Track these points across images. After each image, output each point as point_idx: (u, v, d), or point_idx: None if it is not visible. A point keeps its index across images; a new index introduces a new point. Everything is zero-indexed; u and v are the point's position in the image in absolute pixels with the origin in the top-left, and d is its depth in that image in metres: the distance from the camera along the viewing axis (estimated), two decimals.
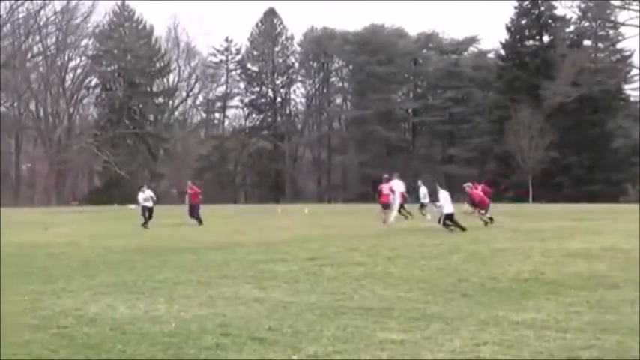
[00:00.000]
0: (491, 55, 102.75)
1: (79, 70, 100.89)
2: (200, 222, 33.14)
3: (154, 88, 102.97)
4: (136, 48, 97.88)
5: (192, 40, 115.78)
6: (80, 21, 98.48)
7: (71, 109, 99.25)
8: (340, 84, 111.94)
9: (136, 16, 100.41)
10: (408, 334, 8.58)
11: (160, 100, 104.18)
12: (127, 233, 28.19)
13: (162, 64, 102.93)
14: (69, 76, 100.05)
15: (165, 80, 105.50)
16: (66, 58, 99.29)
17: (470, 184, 31.51)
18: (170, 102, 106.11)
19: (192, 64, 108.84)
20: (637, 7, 70.89)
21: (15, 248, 21.77)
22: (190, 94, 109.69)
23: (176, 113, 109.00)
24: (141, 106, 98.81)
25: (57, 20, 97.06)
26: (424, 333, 8.62)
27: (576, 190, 78.29)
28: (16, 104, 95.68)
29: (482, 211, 30.20)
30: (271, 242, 22.62)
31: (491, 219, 29.28)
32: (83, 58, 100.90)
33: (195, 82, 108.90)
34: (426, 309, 10.28)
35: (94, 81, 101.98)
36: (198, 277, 14.10)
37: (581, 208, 39.04)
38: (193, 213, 34.21)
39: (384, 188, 33.62)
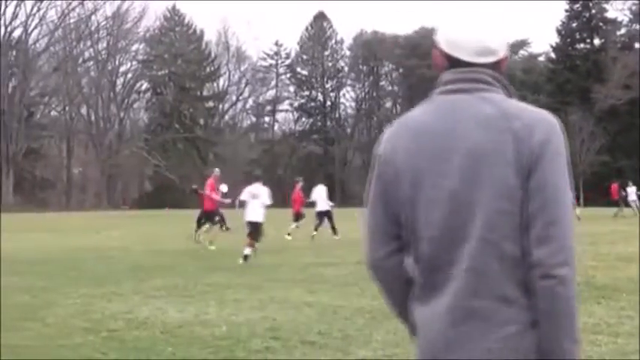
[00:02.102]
0: (541, 59, 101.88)
1: (129, 75, 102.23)
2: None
3: (204, 93, 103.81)
4: (187, 52, 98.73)
5: (242, 44, 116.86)
6: (131, 25, 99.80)
7: (122, 114, 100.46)
8: (390, 88, 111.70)
9: (186, 21, 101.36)
10: None
11: (210, 104, 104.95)
12: (177, 237, 28.35)
13: (212, 69, 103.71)
14: (119, 81, 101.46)
15: (215, 84, 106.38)
16: (117, 62, 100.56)
17: None
18: (220, 106, 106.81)
19: (242, 68, 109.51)
20: None
21: (66, 252, 22.02)
22: (240, 98, 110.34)
23: (226, 117, 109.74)
24: (191, 110, 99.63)
25: (108, 25, 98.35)
26: None
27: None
28: (67, 109, 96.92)
29: None
30: (321, 246, 22.64)
31: None
32: (134, 62, 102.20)
33: (245, 86, 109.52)
34: None
35: (145, 85, 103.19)
36: (249, 281, 14.14)
37: (631, 212, 38.51)
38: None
39: None
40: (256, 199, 18.88)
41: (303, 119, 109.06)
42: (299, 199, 29.39)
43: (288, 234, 26.81)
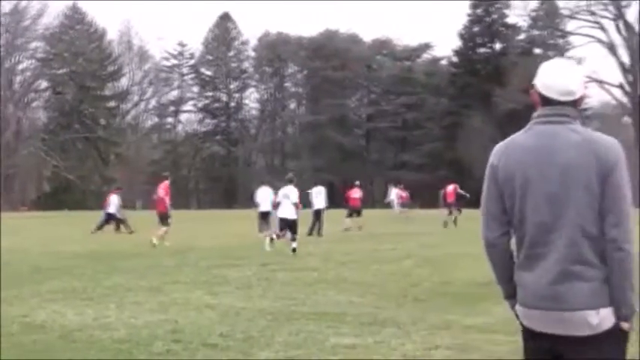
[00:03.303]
0: (444, 62, 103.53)
1: (28, 73, 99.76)
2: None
3: (106, 92, 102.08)
4: (87, 51, 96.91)
5: (145, 44, 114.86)
6: (29, 23, 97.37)
7: (20, 113, 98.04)
8: (294, 89, 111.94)
9: (87, 19, 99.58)
10: (360, 338, 8.56)
11: (112, 103, 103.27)
12: (76, 239, 27.86)
13: (114, 68, 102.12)
14: (17, 79, 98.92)
15: (117, 84, 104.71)
16: (14, 60, 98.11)
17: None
18: (122, 106, 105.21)
19: (145, 67, 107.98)
20: (585, 17, 71.99)
21: None
22: (143, 98, 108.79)
23: (128, 117, 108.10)
24: (92, 110, 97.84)
25: (5, 22, 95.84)
26: (376, 338, 8.61)
27: None
28: None
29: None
30: (224, 248, 22.53)
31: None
32: (32, 60, 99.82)
33: (148, 86, 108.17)
34: (378, 314, 10.28)
35: (44, 84, 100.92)
36: (149, 283, 13.95)
37: None
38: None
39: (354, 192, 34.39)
40: (287, 198, 21.55)
41: (207, 120, 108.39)
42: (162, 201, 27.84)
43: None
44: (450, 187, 37.74)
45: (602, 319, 3.48)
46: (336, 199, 44.78)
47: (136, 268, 16.86)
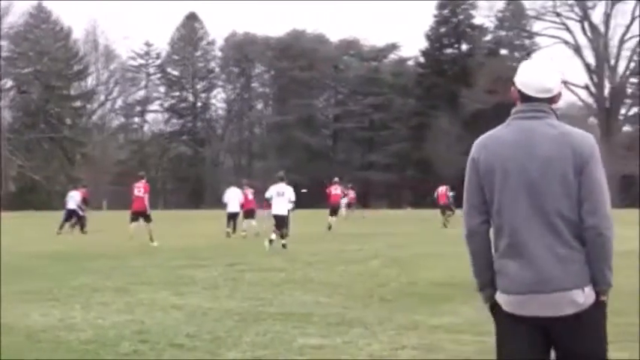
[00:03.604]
0: (410, 63, 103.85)
1: None
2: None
3: (72, 92, 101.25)
4: (53, 50, 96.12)
5: (111, 44, 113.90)
6: None
7: None
8: (261, 89, 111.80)
9: (52, 18, 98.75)
10: (327, 339, 8.59)
11: (78, 103, 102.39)
12: (42, 239, 27.65)
13: (80, 67, 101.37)
14: None
15: (83, 84, 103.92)
16: None
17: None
18: (88, 106, 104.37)
19: (112, 67, 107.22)
20: (551, 18, 72.53)
21: None
22: (109, 97, 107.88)
23: (94, 117, 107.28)
24: (58, 109, 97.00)
25: None
26: (344, 338, 8.64)
27: None
28: None
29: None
30: (191, 248, 22.47)
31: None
32: None
33: (114, 85, 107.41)
34: (345, 314, 10.31)
35: (9, 83, 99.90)
36: (116, 284, 13.89)
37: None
38: None
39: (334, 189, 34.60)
40: (281, 196, 22.13)
41: (174, 120, 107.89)
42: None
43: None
44: (442, 189, 37.99)
45: (586, 296, 3.79)
46: (302, 200, 44.70)
47: (102, 269, 16.77)
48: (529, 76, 3.99)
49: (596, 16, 77.43)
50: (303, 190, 31.65)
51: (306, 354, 7.92)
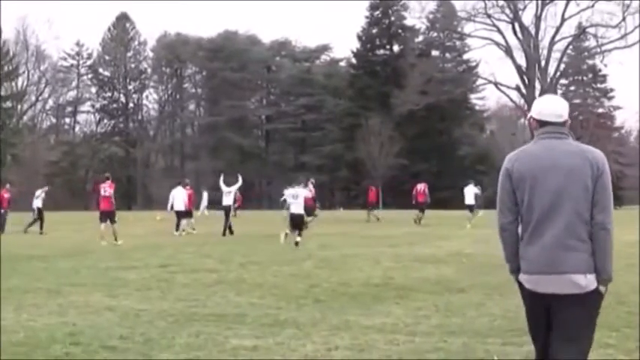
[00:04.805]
0: (343, 64, 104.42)
1: None
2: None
3: (2, 92, 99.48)
4: None
5: (42, 44, 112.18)
6: None
7: None
8: (193, 90, 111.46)
9: None
10: (260, 340, 8.60)
11: (8, 104, 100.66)
12: None
13: (10, 68, 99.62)
14: None
15: (13, 84, 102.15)
16: None
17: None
18: (18, 106, 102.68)
19: (42, 67, 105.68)
20: (482, 19, 73.32)
21: None
22: (40, 98, 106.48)
23: (25, 118, 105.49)
24: None
25: None
26: (277, 339, 8.66)
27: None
28: None
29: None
30: (122, 250, 22.26)
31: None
32: None
33: (45, 86, 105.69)
34: (278, 315, 10.33)
35: None
36: (48, 285, 13.69)
37: (429, 214, 40.01)
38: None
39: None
40: (296, 199, 23.32)
41: (105, 121, 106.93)
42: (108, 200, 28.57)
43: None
44: (420, 187, 38.13)
45: (588, 281, 4.78)
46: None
47: (33, 271, 16.52)
48: (545, 106, 5.06)
49: (527, 17, 78.47)
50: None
51: (240, 355, 7.92)
